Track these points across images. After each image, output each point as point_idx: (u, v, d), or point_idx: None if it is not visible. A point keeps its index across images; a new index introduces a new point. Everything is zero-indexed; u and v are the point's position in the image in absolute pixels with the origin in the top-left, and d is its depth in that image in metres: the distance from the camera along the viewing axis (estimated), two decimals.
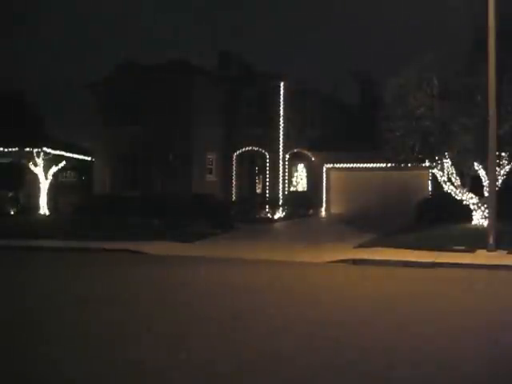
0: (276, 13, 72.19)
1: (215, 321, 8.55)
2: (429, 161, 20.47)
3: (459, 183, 20.06)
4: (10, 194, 29.09)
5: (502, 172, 19.10)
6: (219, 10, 73.91)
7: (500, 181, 18.60)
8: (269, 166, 29.54)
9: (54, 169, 29.28)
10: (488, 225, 15.86)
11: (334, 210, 30.22)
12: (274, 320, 8.60)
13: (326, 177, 30.74)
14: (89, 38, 65.58)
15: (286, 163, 29.98)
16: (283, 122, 29.33)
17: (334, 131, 31.44)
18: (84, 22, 66.63)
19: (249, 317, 8.83)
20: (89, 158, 31.80)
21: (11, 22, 58.02)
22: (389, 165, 23.41)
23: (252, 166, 30.07)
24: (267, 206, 27.70)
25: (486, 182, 18.51)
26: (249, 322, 8.54)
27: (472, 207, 19.83)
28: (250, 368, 6.40)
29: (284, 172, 29.73)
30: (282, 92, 29.30)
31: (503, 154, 18.59)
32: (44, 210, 28.69)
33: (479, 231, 17.43)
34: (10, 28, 59.81)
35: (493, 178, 16.02)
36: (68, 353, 6.98)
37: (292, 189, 30.95)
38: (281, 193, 29.36)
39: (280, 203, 28.05)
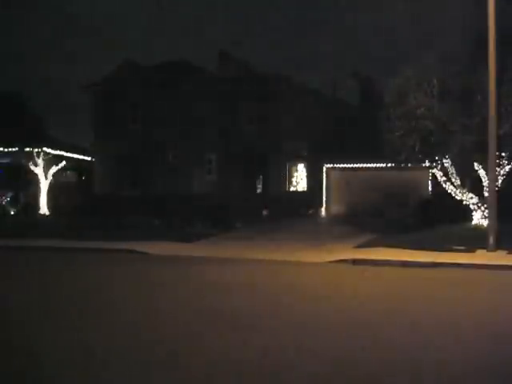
0: (276, 13, 72.19)
1: (216, 320, 8.56)
2: (429, 161, 20.44)
3: (459, 183, 20.04)
4: (10, 194, 29.09)
5: (502, 172, 19.08)
6: (219, 10, 73.93)
7: (500, 181, 18.58)
8: (269, 166, 29.54)
9: (53, 169, 29.26)
10: (488, 225, 15.85)
11: (334, 210, 30.19)
12: (270, 317, 8.61)
13: (326, 177, 30.70)
14: (89, 38, 65.58)
15: (286, 163, 29.98)
16: (283, 122, 29.32)
17: (334, 131, 31.43)
18: (84, 22, 66.63)
19: (248, 315, 8.83)
20: (89, 158, 31.81)
21: (11, 22, 58.02)
22: (389, 165, 23.40)
23: (252, 165, 30.07)
24: (267, 206, 27.69)
25: (485, 182, 18.49)
26: (249, 320, 8.54)
27: (472, 207, 19.81)
28: (249, 369, 6.41)
29: (284, 172, 29.71)
30: (281, 92, 29.30)
31: (503, 154, 18.58)
32: (44, 210, 28.68)
33: (479, 231, 17.42)
34: (9, 28, 59.82)
35: (493, 177, 16.01)
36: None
37: (292, 189, 30.94)
38: (281, 193, 29.35)
39: (280, 203, 28.03)
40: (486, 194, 18.19)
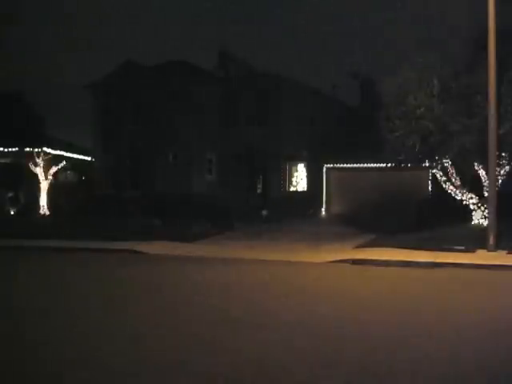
0: (276, 12, 72.20)
1: (216, 319, 8.56)
2: (429, 161, 20.43)
3: (459, 183, 20.04)
4: (10, 194, 29.08)
5: (502, 172, 19.08)
6: (219, 10, 73.95)
7: (500, 181, 18.58)
8: (269, 166, 29.54)
9: (53, 169, 29.26)
10: (488, 225, 15.84)
11: (334, 210, 30.19)
12: (268, 316, 8.62)
13: (326, 177, 30.70)
14: (89, 38, 65.55)
15: (286, 163, 29.98)
16: (283, 122, 29.33)
17: (333, 131, 31.42)
18: (84, 22, 66.64)
19: (249, 314, 8.84)
20: (89, 158, 31.81)
21: (11, 22, 58.04)
22: (389, 165, 23.39)
23: (252, 165, 30.07)
24: (267, 206, 27.69)
25: (485, 182, 18.49)
26: (250, 319, 8.54)
27: (472, 207, 19.81)
28: (247, 369, 6.41)
29: (284, 172, 29.71)
30: (281, 92, 29.31)
31: (503, 153, 18.57)
32: (44, 210, 28.67)
33: (479, 231, 17.41)
34: (9, 27, 59.82)
35: (493, 178, 16.00)
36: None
37: (292, 189, 30.95)
38: (281, 193, 29.35)
39: (280, 203, 28.03)
40: (485, 194, 18.19)
